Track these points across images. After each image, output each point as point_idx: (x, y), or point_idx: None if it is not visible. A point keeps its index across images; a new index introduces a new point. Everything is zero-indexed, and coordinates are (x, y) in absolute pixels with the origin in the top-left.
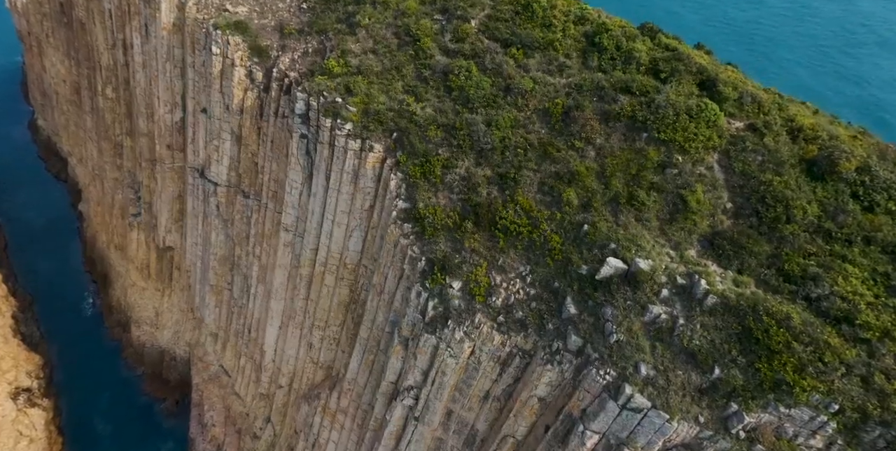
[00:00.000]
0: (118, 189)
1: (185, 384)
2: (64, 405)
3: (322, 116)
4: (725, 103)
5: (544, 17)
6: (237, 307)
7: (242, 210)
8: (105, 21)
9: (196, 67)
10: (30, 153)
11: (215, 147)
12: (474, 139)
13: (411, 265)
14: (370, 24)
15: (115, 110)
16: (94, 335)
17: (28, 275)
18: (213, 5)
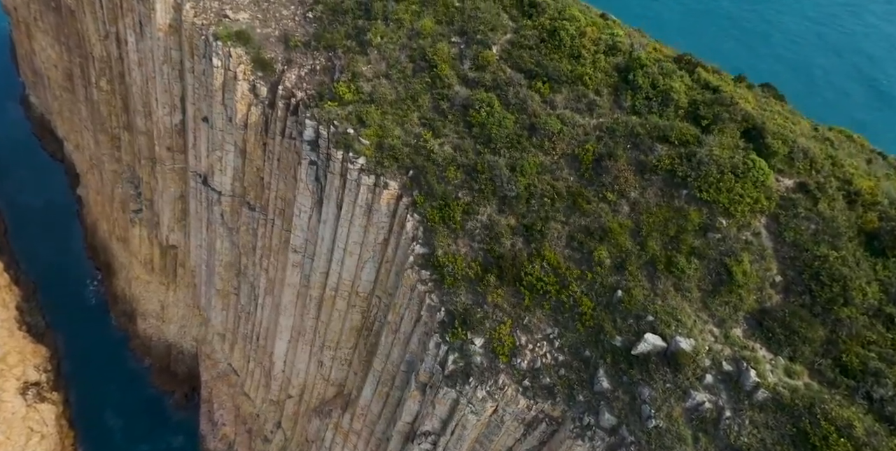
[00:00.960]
0: (117, 183)
1: (193, 378)
2: (73, 397)
3: (333, 147)
4: (774, 158)
5: (572, 47)
6: (245, 313)
7: (248, 222)
8: (96, 11)
9: (195, 74)
10: (23, 130)
11: (218, 157)
12: (497, 185)
13: (429, 313)
14: (382, 44)
15: (110, 103)
16: (100, 325)
17: (30, 261)
18: (212, 10)
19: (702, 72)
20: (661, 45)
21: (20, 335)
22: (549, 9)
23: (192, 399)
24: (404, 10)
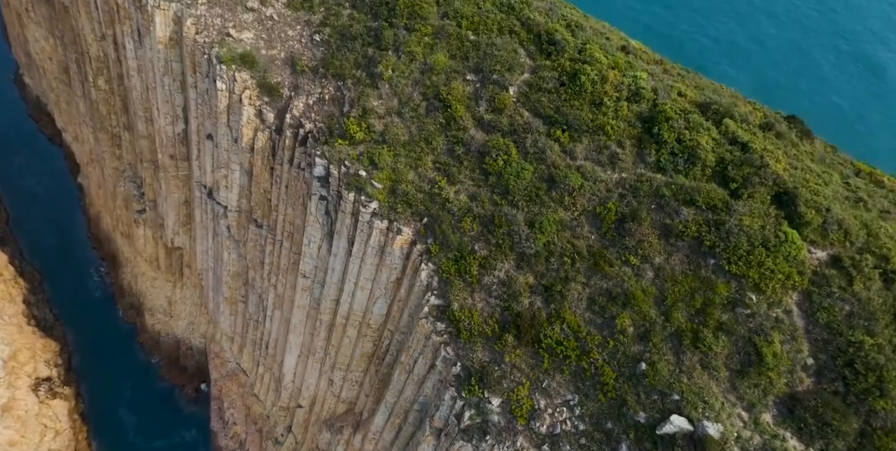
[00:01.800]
0: (119, 181)
1: (203, 372)
2: (85, 391)
3: (344, 188)
4: (806, 228)
5: (593, 93)
6: (253, 321)
7: (256, 238)
8: (91, 12)
9: (198, 90)
10: (18, 110)
11: (223, 175)
12: (515, 240)
13: (445, 365)
14: (393, 78)
15: (109, 102)
16: (108, 317)
17: (34, 250)
18: (215, 27)
19: (730, 124)
20: (685, 85)
21: (29, 331)
22: (569, 47)
23: (203, 392)
24: (416, 42)
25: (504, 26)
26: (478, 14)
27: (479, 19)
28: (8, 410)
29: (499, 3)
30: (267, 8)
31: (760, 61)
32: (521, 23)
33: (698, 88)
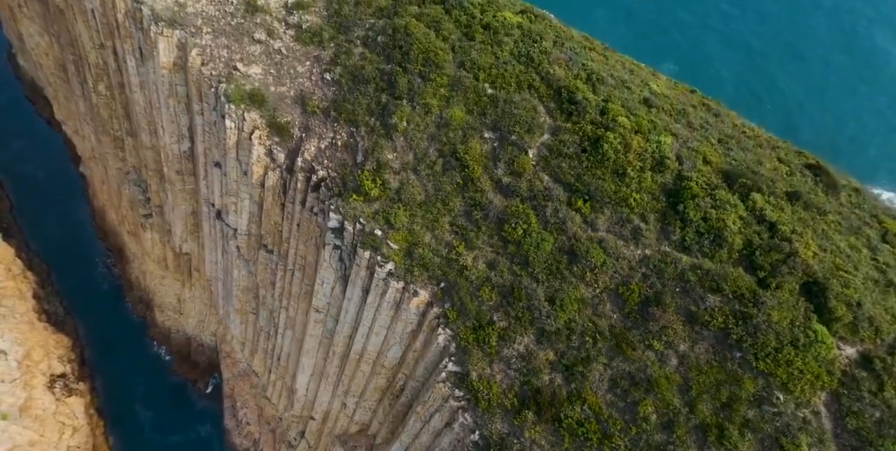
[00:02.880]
0: (124, 183)
1: (214, 367)
2: (99, 386)
3: (360, 245)
4: (836, 324)
5: (616, 161)
6: (265, 333)
7: (266, 262)
8: (88, 20)
9: (205, 119)
10: (14, 90)
11: (233, 201)
12: (535, 316)
13: (462, 430)
14: (408, 131)
15: (110, 106)
16: (118, 310)
17: (40, 241)
18: (221, 59)
19: (757, 199)
20: (710, 149)
21: (41, 327)
22: (590, 107)
23: (215, 387)
24: (432, 94)
25: (523, 81)
26: (495, 66)
27: (497, 72)
28: (26, 410)
29: (517, 54)
30: (275, 40)
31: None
32: (540, 77)
33: (724, 142)
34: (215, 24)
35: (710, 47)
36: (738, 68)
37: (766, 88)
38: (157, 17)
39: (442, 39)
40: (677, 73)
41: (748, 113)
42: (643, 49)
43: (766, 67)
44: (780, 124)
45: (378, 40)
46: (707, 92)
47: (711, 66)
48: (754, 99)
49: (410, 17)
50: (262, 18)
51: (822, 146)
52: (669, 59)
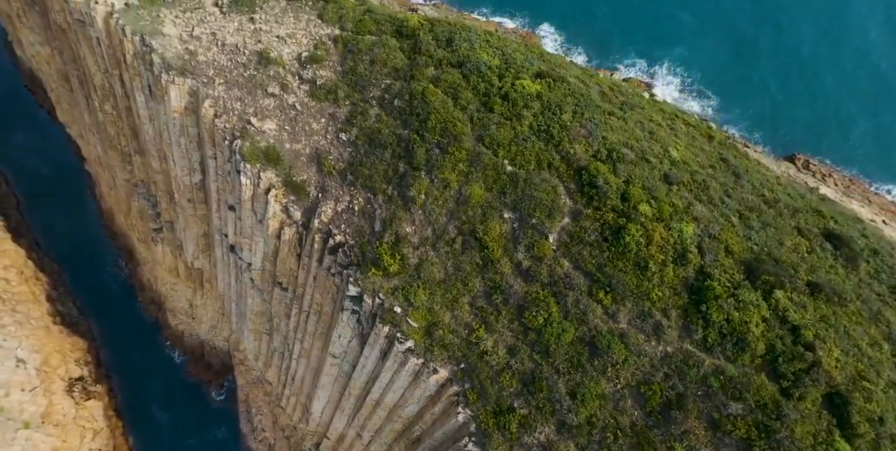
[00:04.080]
0: (133, 194)
1: (229, 369)
2: (116, 386)
3: (379, 320)
4: (859, 440)
5: (638, 254)
6: (279, 353)
7: (281, 298)
8: (93, 47)
9: (218, 164)
10: (11, 79)
11: (247, 242)
12: (556, 407)
13: None
14: (427, 205)
15: (117, 125)
16: (131, 310)
17: (49, 239)
18: (235, 112)
19: (780, 298)
20: (732, 233)
21: (56, 331)
22: (611, 191)
23: (230, 388)
24: (451, 168)
25: (543, 159)
26: (515, 142)
27: (517, 149)
28: (47, 416)
29: (536, 128)
30: (289, 95)
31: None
32: (560, 156)
33: (745, 218)
34: (228, 74)
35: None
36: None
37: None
38: (167, 65)
39: (460, 109)
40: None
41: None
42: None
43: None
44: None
45: (395, 104)
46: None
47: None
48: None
49: (427, 81)
50: (275, 71)
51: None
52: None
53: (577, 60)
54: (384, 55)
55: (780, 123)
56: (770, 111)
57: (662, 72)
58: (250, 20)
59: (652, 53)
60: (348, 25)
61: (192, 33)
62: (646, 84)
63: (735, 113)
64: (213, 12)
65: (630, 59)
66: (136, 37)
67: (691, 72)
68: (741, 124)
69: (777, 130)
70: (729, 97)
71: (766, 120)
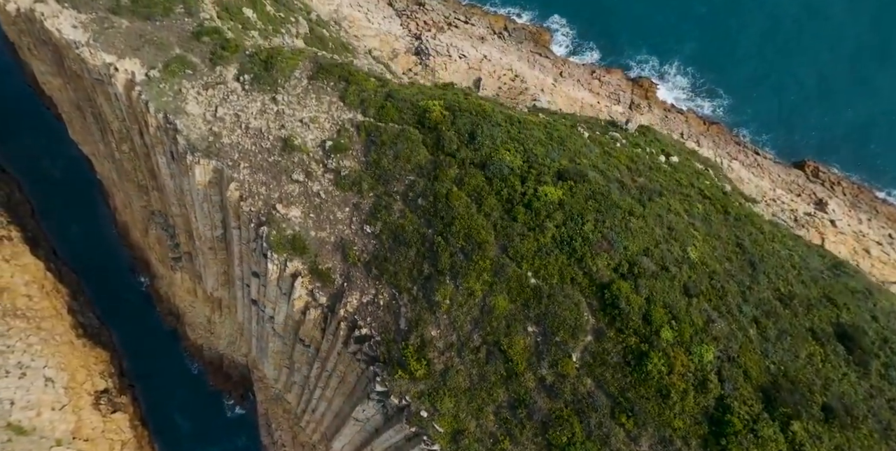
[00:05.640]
0: (150, 223)
1: (248, 381)
2: (139, 395)
3: (405, 421)
4: None
5: (660, 381)
6: (300, 386)
7: (304, 352)
8: (112, 100)
9: (242, 235)
10: (15, 79)
11: (271, 304)
12: None
13: None
14: (452, 311)
15: (135, 163)
16: (150, 318)
17: (66, 246)
18: (260, 197)
19: (797, 430)
20: (749, 352)
21: (80, 344)
22: (633, 314)
23: (249, 399)
24: (475, 278)
25: (566, 274)
26: (538, 255)
27: (540, 262)
28: (77, 433)
29: (559, 240)
30: (313, 182)
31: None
32: (583, 272)
33: (761, 326)
34: (252, 159)
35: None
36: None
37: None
38: (192, 146)
39: (484, 215)
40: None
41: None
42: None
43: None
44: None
45: (419, 202)
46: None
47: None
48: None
49: (451, 182)
50: (299, 158)
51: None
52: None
53: (588, 58)
54: (407, 151)
55: (792, 126)
56: (783, 112)
57: (672, 70)
58: (273, 100)
59: (663, 49)
60: (370, 111)
61: (216, 113)
62: (655, 85)
63: (746, 114)
64: (235, 89)
65: (641, 54)
66: (160, 114)
67: (703, 69)
68: (752, 126)
69: (789, 133)
70: (741, 96)
71: (778, 122)
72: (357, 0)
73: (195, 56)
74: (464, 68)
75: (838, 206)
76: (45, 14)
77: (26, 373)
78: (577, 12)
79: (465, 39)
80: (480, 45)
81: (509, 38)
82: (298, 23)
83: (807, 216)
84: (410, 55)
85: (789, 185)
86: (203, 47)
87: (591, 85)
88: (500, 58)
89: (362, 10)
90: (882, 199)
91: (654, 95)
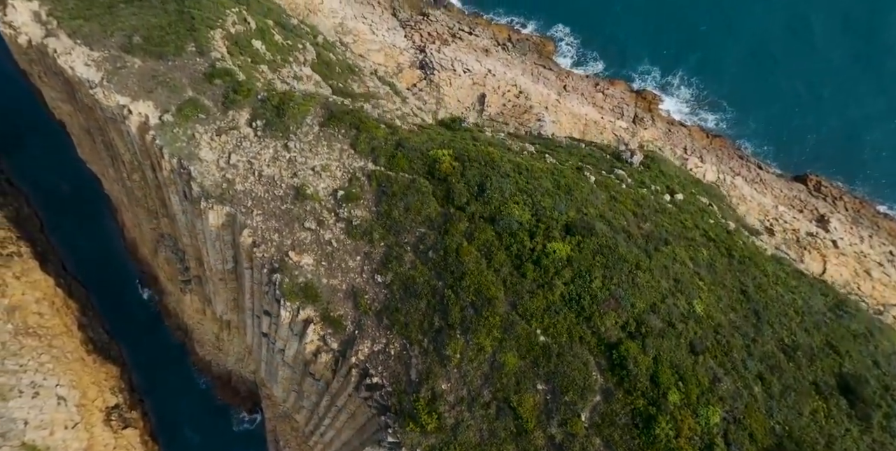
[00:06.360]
0: (160, 244)
1: (256, 396)
2: (149, 409)
3: None
4: None
5: (668, 446)
6: (308, 410)
7: (313, 384)
8: (124, 136)
9: (254, 277)
10: (18, 87)
11: (283, 342)
12: None
13: None
14: (462, 365)
15: (144, 190)
16: (158, 332)
17: (74, 260)
18: (273, 243)
19: None
20: (755, 412)
21: (91, 360)
22: (641, 375)
23: (257, 413)
24: (485, 334)
25: (574, 333)
26: (548, 313)
27: (549, 321)
28: (90, 450)
29: (568, 298)
30: (325, 231)
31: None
32: (591, 331)
33: (765, 383)
34: (265, 206)
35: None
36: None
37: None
38: (206, 193)
39: (493, 271)
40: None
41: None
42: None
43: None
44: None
45: (429, 255)
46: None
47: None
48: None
49: (461, 235)
50: (311, 206)
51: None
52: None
53: (592, 69)
54: (418, 203)
55: (794, 137)
56: (786, 125)
57: (676, 81)
58: (285, 147)
59: (666, 59)
60: (381, 160)
61: (229, 160)
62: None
63: (750, 127)
64: (248, 134)
65: (644, 65)
66: (174, 159)
67: (707, 82)
68: (755, 140)
69: (791, 145)
70: (744, 109)
71: (780, 134)
72: (361, 11)
73: (208, 99)
74: (468, 84)
75: (840, 222)
76: (58, 51)
77: (39, 392)
78: (580, 21)
79: (469, 52)
80: (485, 58)
81: (513, 50)
82: (306, 49)
83: (809, 237)
84: (415, 69)
85: (791, 200)
86: (215, 90)
87: (594, 98)
88: (505, 72)
89: (366, 21)
90: (883, 213)
91: (657, 107)
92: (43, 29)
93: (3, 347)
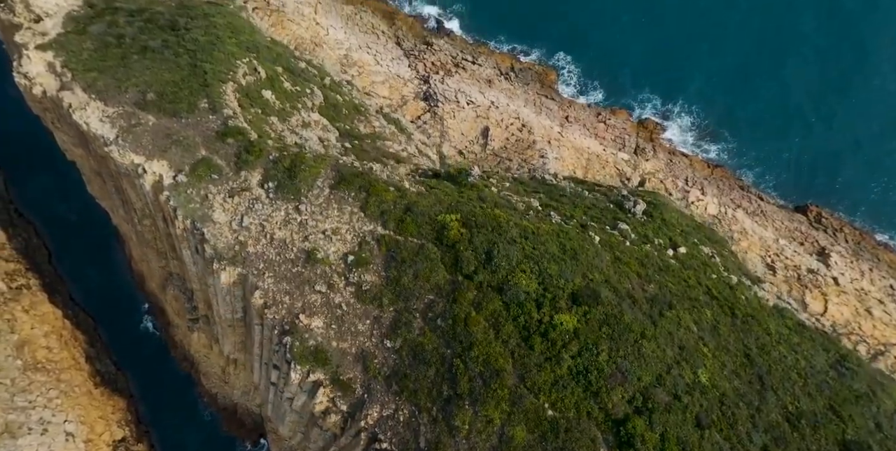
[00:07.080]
0: (168, 282)
1: (262, 428)
2: (156, 442)
3: None
4: None
5: None
6: (318, 447)
7: (321, 433)
8: (136, 188)
9: (264, 335)
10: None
11: (291, 394)
12: None
13: None
14: (471, 436)
15: (154, 234)
16: (165, 363)
17: (81, 290)
18: (283, 305)
19: None
20: None
21: (98, 394)
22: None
23: (262, 447)
24: (494, 406)
25: (582, 408)
26: (555, 388)
27: (557, 395)
28: None
29: (575, 372)
30: (335, 294)
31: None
32: (598, 407)
33: None
34: (276, 268)
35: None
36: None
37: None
38: (219, 255)
39: (501, 342)
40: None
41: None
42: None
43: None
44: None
45: (438, 322)
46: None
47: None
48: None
49: (469, 305)
50: (321, 270)
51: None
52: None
53: (593, 98)
54: (427, 271)
55: (796, 167)
56: (787, 154)
57: (676, 109)
58: (296, 210)
59: (667, 88)
60: (391, 224)
61: (242, 222)
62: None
63: (751, 157)
64: (260, 196)
65: (644, 93)
66: (188, 221)
67: (707, 111)
68: (756, 169)
69: (793, 174)
70: (745, 139)
71: (782, 163)
72: (366, 41)
73: (220, 158)
74: (472, 116)
75: (840, 256)
76: (73, 105)
77: (48, 429)
78: (581, 50)
79: (472, 83)
80: (488, 89)
81: (516, 80)
82: (313, 94)
83: (810, 275)
84: (419, 101)
85: (792, 232)
86: (228, 149)
87: (596, 129)
88: (508, 104)
89: (371, 51)
90: (884, 243)
91: (658, 137)
92: (58, 81)
93: (13, 383)
